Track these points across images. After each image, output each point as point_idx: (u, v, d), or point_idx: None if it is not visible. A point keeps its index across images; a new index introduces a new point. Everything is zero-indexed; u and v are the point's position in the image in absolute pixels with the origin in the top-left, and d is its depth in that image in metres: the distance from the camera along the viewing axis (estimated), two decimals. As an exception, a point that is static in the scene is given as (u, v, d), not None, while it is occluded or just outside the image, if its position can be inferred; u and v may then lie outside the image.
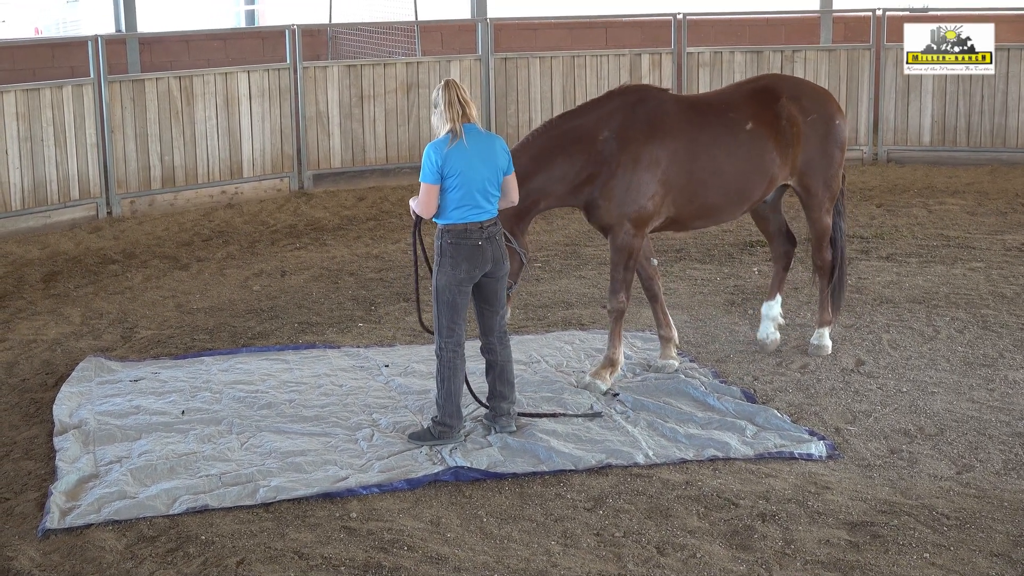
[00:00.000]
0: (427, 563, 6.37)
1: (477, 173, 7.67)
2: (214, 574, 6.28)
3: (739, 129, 9.04)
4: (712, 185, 8.95)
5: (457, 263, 7.70)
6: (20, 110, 13.63)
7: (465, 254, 7.69)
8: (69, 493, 7.25)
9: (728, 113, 9.12)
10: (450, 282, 7.73)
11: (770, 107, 9.16)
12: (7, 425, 8.46)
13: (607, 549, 6.53)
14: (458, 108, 7.67)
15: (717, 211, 9.15)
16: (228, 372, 9.33)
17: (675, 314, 10.52)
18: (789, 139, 9.14)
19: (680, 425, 8.15)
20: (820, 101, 9.41)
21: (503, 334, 8.08)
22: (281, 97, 15.57)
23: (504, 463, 7.58)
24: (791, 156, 9.18)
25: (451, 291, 7.74)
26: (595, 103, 8.96)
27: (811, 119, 9.25)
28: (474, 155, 7.67)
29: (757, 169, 9.06)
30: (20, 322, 10.79)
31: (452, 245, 7.70)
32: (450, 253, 7.71)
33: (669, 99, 9.12)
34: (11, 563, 6.46)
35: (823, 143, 9.30)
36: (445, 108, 7.66)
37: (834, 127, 9.36)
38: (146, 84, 14.72)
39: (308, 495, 7.14)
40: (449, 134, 7.66)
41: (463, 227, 7.69)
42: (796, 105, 9.22)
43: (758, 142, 9.04)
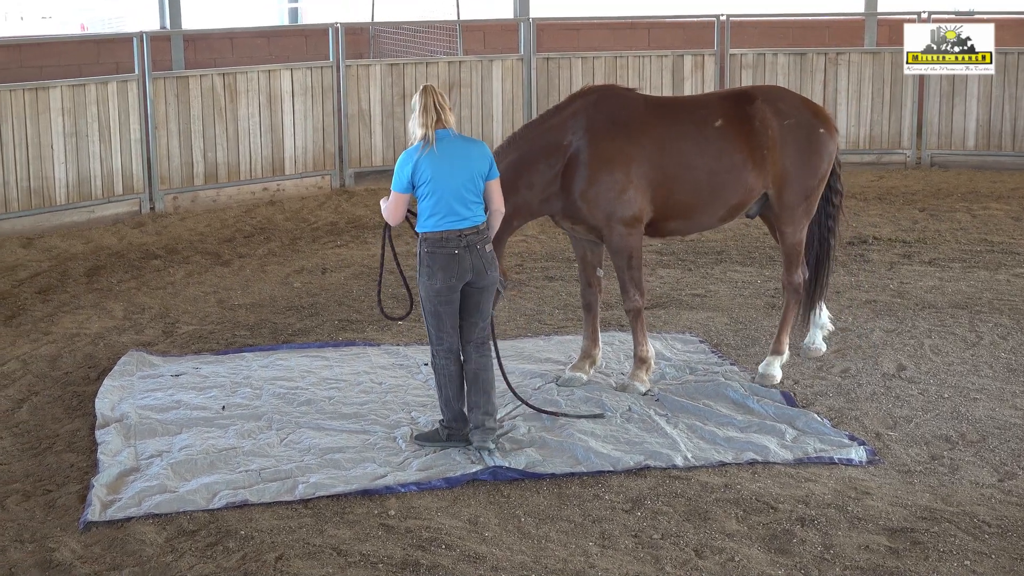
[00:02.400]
0: (465, 562, 6.38)
1: (450, 180, 7.47)
2: (253, 569, 6.31)
3: (707, 125, 8.76)
4: (684, 181, 8.69)
5: (433, 272, 7.52)
6: (66, 106, 13.74)
7: (441, 263, 7.50)
8: (110, 486, 7.30)
9: (697, 111, 8.89)
10: (428, 292, 7.58)
11: (742, 107, 8.86)
12: (50, 418, 8.54)
13: (645, 551, 6.51)
14: (433, 114, 7.46)
15: (692, 211, 8.82)
16: (268, 368, 9.38)
17: (715, 316, 10.51)
18: (763, 141, 8.78)
19: (719, 428, 8.12)
20: (800, 107, 9.03)
21: (480, 343, 7.80)
22: (323, 95, 15.63)
23: (542, 463, 7.57)
24: (767, 160, 8.80)
25: (431, 301, 7.59)
26: (556, 109, 8.78)
27: (788, 123, 8.86)
28: (447, 161, 7.46)
29: (728, 168, 8.73)
30: (64, 316, 10.87)
31: (429, 254, 7.53)
32: (427, 262, 7.54)
33: (634, 97, 8.88)
34: (53, 554, 6.51)
35: (803, 151, 8.88)
36: (420, 114, 7.47)
37: (815, 135, 8.92)
38: (190, 81, 14.81)
39: (347, 492, 7.16)
40: (421, 141, 7.49)
41: (439, 235, 7.50)
42: (771, 108, 8.88)
43: (728, 140, 8.74)
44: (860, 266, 12.26)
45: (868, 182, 16.35)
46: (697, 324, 10.37)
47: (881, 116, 17.12)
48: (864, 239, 13.32)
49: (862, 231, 13.71)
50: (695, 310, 10.80)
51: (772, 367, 9.02)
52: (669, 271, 12.16)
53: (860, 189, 15.93)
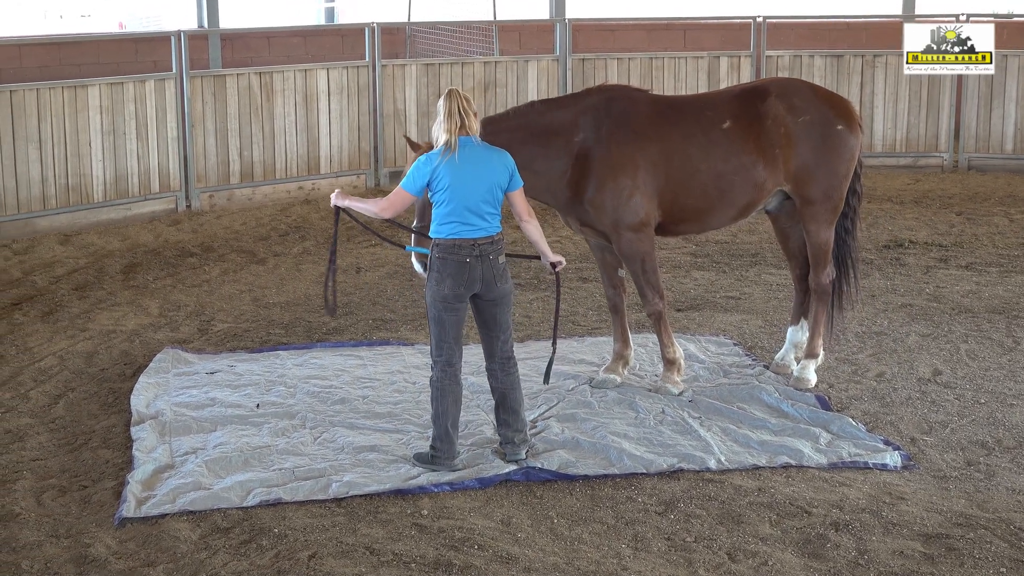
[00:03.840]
0: (497, 562, 6.38)
1: (468, 189, 7.32)
2: (286, 567, 6.33)
3: (714, 128, 8.62)
4: (690, 186, 8.56)
5: (442, 278, 7.37)
6: (104, 104, 13.83)
7: (451, 270, 7.35)
8: (145, 482, 7.33)
9: (704, 112, 8.70)
10: (435, 297, 7.40)
11: (754, 106, 8.69)
12: (86, 414, 8.59)
13: (678, 554, 6.50)
14: (457, 120, 7.31)
15: (701, 214, 8.71)
16: (303, 367, 9.41)
17: (749, 319, 10.48)
18: (775, 139, 8.63)
19: (753, 431, 8.09)
20: (816, 103, 8.81)
21: (505, 360, 7.64)
22: (359, 94, 15.68)
23: (575, 464, 7.56)
24: (780, 158, 8.64)
25: (436, 307, 7.42)
26: (571, 99, 8.72)
27: (803, 120, 8.70)
28: (467, 170, 7.31)
29: (737, 170, 8.59)
30: (100, 312, 10.94)
31: (439, 260, 7.38)
32: (436, 267, 7.39)
33: (644, 99, 8.77)
34: (88, 550, 6.55)
35: (819, 147, 8.71)
36: (444, 119, 7.32)
37: (833, 132, 8.74)
38: (227, 80, 14.87)
39: (380, 491, 7.18)
40: (444, 146, 7.33)
41: (452, 243, 7.35)
42: (785, 104, 8.71)
43: (736, 142, 8.59)
44: (896, 270, 12.19)
45: (904, 185, 16.27)
46: (731, 326, 10.34)
47: (918, 119, 17.03)
48: (900, 243, 13.25)
49: (898, 235, 13.63)
50: (729, 312, 10.77)
51: (807, 371, 8.96)
52: (703, 273, 12.12)
53: (896, 192, 15.86)
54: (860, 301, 9.45)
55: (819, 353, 9.07)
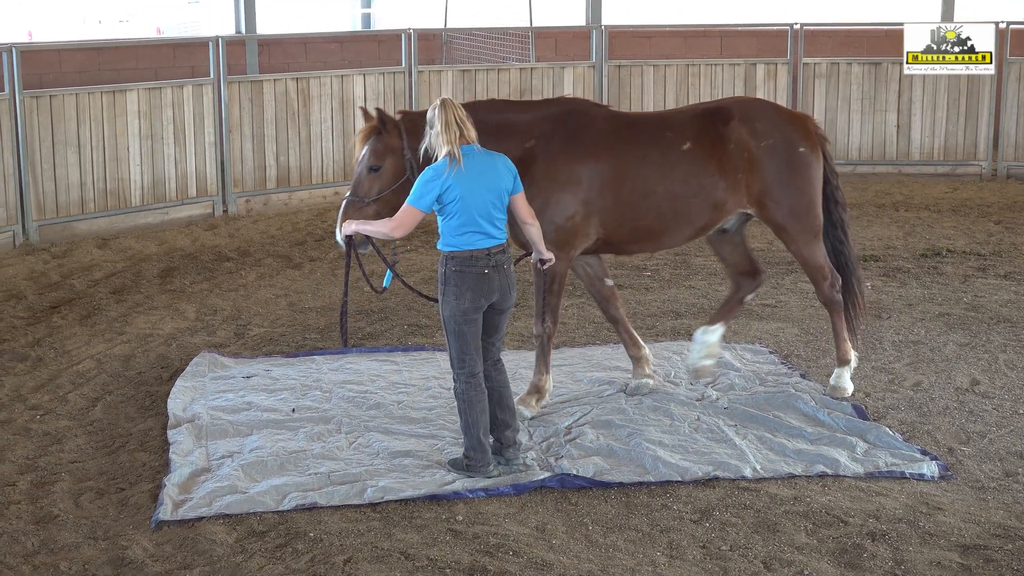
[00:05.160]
0: (532, 569, 6.38)
1: (478, 197, 7.25)
2: (321, 571, 6.35)
3: (674, 149, 8.38)
4: (644, 208, 8.33)
5: (462, 293, 7.28)
6: (142, 108, 13.93)
7: (470, 283, 7.28)
8: (182, 486, 7.37)
9: (665, 132, 8.45)
10: (454, 313, 7.32)
11: (716, 128, 8.46)
12: (123, 417, 8.65)
13: (713, 562, 6.48)
14: (455, 130, 7.22)
15: (654, 235, 8.52)
16: (338, 372, 9.44)
17: (785, 327, 10.44)
18: (737, 163, 8.42)
19: (789, 440, 8.06)
20: (780, 126, 8.59)
21: (496, 360, 7.63)
22: (396, 100, 15.71)
23: (610, 471, 7.55)
24: (743, 182, 8.45)
25: (456, 321, 7.34)
26: (532, 105, 8.60)
27: (765, 144, 8.49)
28: (474, 178, 7.23)
29: (696, 192, 8.37)
30: (137, 316, 11.01)
31: (457, 273, 7.29)
32: (454, 282, 7.30)
33: (603, 115, 8.53)
34: (125, 552, 6.59)
35: (783, 171, 8.52)
36: (442, 130, 7.23)
37: (796, 155, 8.55)
38: (264, 85, 14.95)
39: (415, 496, 7.19)
40: (447, 158, 7.24)
41: (468, 254, 7.28)
42: (748, 128, 8.48)
43: (697, 164, 8.37)
44: (933, 279, 12.12)
45: (942, 194, 16.18)
46: (767, 335, 10.30)
47: (956, 127, 16.93)
48: (938, 251, 13.17)
49: (936, 243, 13.56)
50: (765, 320, 10.73)
51: (842, 379, 8.90)
52: (739, 281, 12.07)
53: (934, 201, 15.77)
54: (867, 308, 9.24)
55: (850, 359, 8.95)
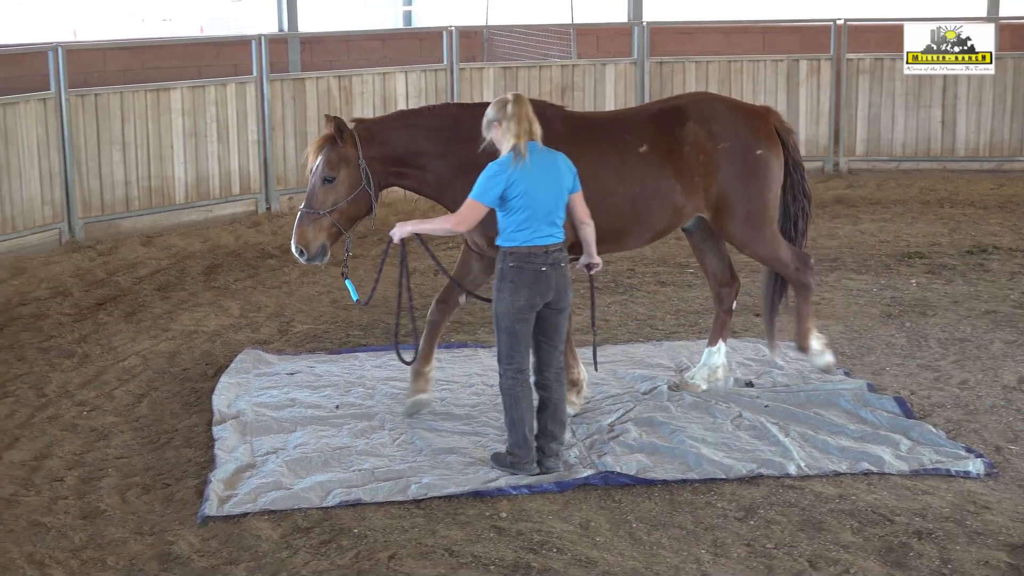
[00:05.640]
0: (576, 566, 6.37)
1: (542, 194, 7.21)
2: (366, 567, 6.36)
3: (630, 151, 8.19)
4: (603, 208, 7.98)
5: (518, 289, 7.24)
6: (186, 107, 14.01)
7: (527, 280, 7.23)
8: (227, 482, 7.41)
9: (623, 135, 8.25)
10: (509, 309, 7.27)
11: (672, 130, 8.28)
12: (169, 413, 8.71)
13: (758, 560, 6.45)
14: (526, 124, 7.20)
15: (616, 237, 8.28)
16: (382, 368, 9.46)
17: (830, 324, 10.37)
18: (694, 167, 8.26)
19: (832, 437, 8.01)
20: (736, 127, 8.40)
21: (560, 370, 7.56)
22: (437, 97, 15.71)
23: (653, 469, 7.54)
24: (700, 185, 8.29)
25: (510, 318, 7.28)
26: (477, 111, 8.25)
27: (723, 147, 8.32)
28: (538, 175, 7.20)
29: (654, 195, 8.19)
30: (182, 313, 11.08)
31: (514, 269, 7.24)
32: (511, 277, 7.25)
33: (559, 117, 8.30)
34: (172, 547, 6.64)
35: (740, 175, 8.36)
36: (512, 123, 7.18)
37: (752, 157, 8.38)
38: (306, 83, 15.00)
39: (459, 493, 7.20)
40: (512, 152, 7.19)
41: (527, 250, 7.24)
42: (705, 131, 8.31)
43: (653, 167, 8.19)
44: (979, 275, 12.02)
45: (988, 190, 16.04)
46: (811, 332, 10.23)
47: (1002, 123, 16.78)
48: (984, 248, 13.06)
49: (982, 240, 13.45)
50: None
51: (823, 356, 8.76)
52: (782, 278, 12.02)
53: (980, 197, 15.65)
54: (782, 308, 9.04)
55: (812, 343, 8.74)
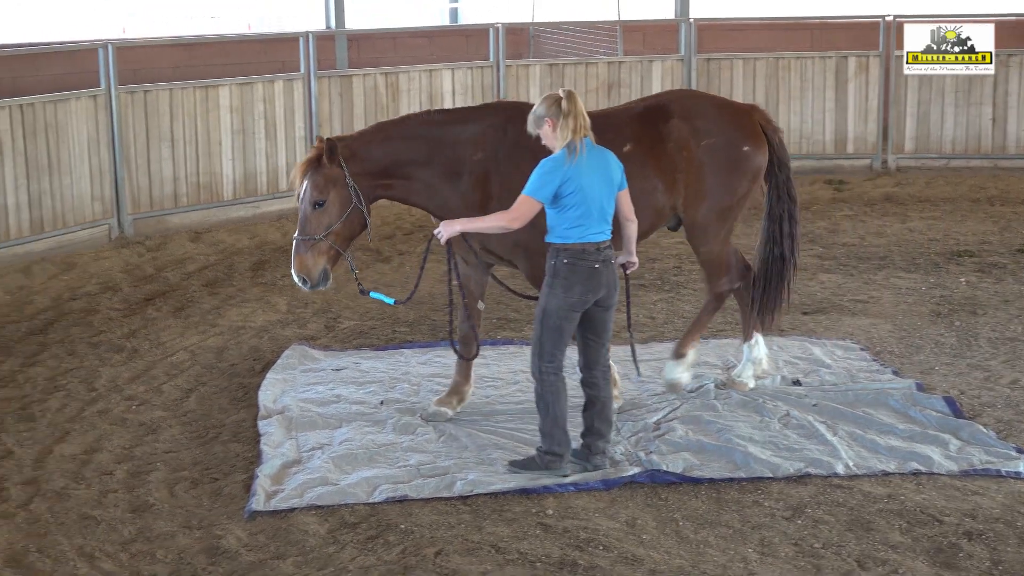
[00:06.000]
0: (622, 564, 6.36)
1: (595, 191, 7.18)
2: (413, 563, 6.38)
3: (615, 151, 7.96)
4: None
5: (571, 286, 7.19)
6: (234, 104, 14.09)
7: (581, 277, 7.19)
8: (274, 477, 7.45)
9: (606, 134, 7.93)
10: (560, 306, 7.22)
11: (655, 127, 8.22)
12: (217, 408, 8.76)
13: (806, 560, 6.41)
14: (581, 120, 7.17)
15: None
16: (427, 365, 9.48)
17: (878, 323, 10.30)
18: (676, 164, 8.21)
19: (880, 436, 7.95)
20: (722, 122, 8.35)
21: (607, 368, 7.53)
22: (484, 95, 15.73)
23: (700, 467, 7.51)
24: (680, 183, 8.24)
25: (559, 316, 7.23)
26: (471, 114, 8.33)
27: (707, 144, 8.26)
28: (592, 172, 7.19)
29: (638, 196, 7.87)
30: (230, 309, 11.15)
31: (568, 266, 7.19)
32: (564, 274, 7.20)
33: None
34: (219, 541, 6.68)
35: (720, 172, 8.30)
36: (569, 120, 7.14)
37: (738, 154, 8.31)
38: (353, 80, 15.05)
39: (505, 490, 7.20)
40: (566, 149, 7.16)
41: (580, 247, 7.20)
42: (689, 127, 8.26)
43: (636, 166, 8.01)
44: (1030, 274, 11.92)
45: (1039, 188, 15.90)
46: (859, 331, 10.17)
47: (1054, 119, 16.62)
48: (1034, 246, 12.95)
49: (1032, 238, 13.34)
50: (857, 316, 10.60)
51: (675, 371, 8.60)
52: (830, 276, 11.96)
53: (1030, 195, 15.52)
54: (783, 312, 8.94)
55: (687, 353, 8.63)
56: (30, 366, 9.63)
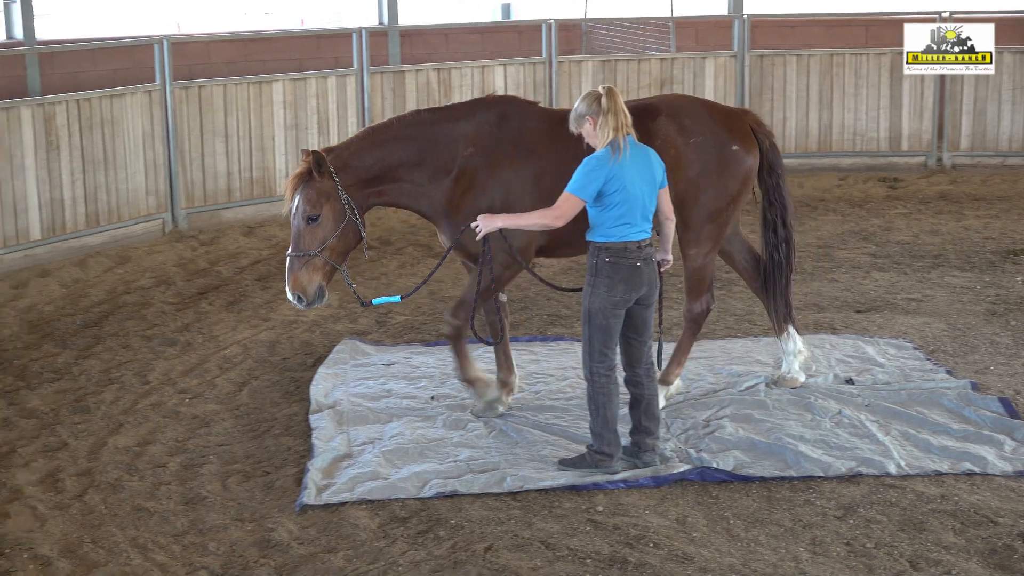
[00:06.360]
0: (672, 561, 6.35)
1: (638, 189, 7.14)
2: (463, 558, 6.39)
3: None
4: None
5: (614, 284, 7.18)
6: (287, 99, 14.16)
7: (623, 275, 7.17)
8: (325, 471, 7.49)
9: None
10: (604, 305, 7.20)
11: (643, 125, 7.94)
12: (269, 402, 8.82)
13: (857, 560, 6.37)
14: (623, 118, 7.11)
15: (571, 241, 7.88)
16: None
17: (931, 322, 10.21)
18: (665, 162, 7.75)
19: (934, 436, 7.89)
20: (710, 123, 8.21)
21: (650, 365, 7.53)
22: (535, 91, 15.72)
23: (751, 465, 7.48)
24: (669, 181, 7.77)
25: (605, 314, 7.21)
26: (461, 110, 8.19)
27: (694, 142, 8.14)
28: (635, 169, 7.14)
29: None
30: (282, 303, 11.19)
31: (610, 264, 7.17)
32: (607, 273, 7.18)
33: (535, 114, 8.21)
34: (271, 534, 6.73)
35: (709, 171, 8.17)
36: (610, 117, 7.08)
37: (727, 153, 8.17)
38: (406, 76, 15.08)
39: (555, 486, 7.20)
40: (609, 147, 7.11)
41: (623, 246, 7.17)
42: (676, 125, 8.15)
43: None
44: (1087, 274, 11.77)
45: (1095, 186, 15.71)
46: (912, 329, 10.08)
47: (1114, 116, 16.40)
48: (1090, 246, 12.79)
49: (1089, 237, 13.17)
50: (910, 315, 10.51)
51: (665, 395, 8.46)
52: (884, 274, 11.86)
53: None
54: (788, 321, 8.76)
55: (673, 381, 8.56)
56: (85, 359, 9.74)
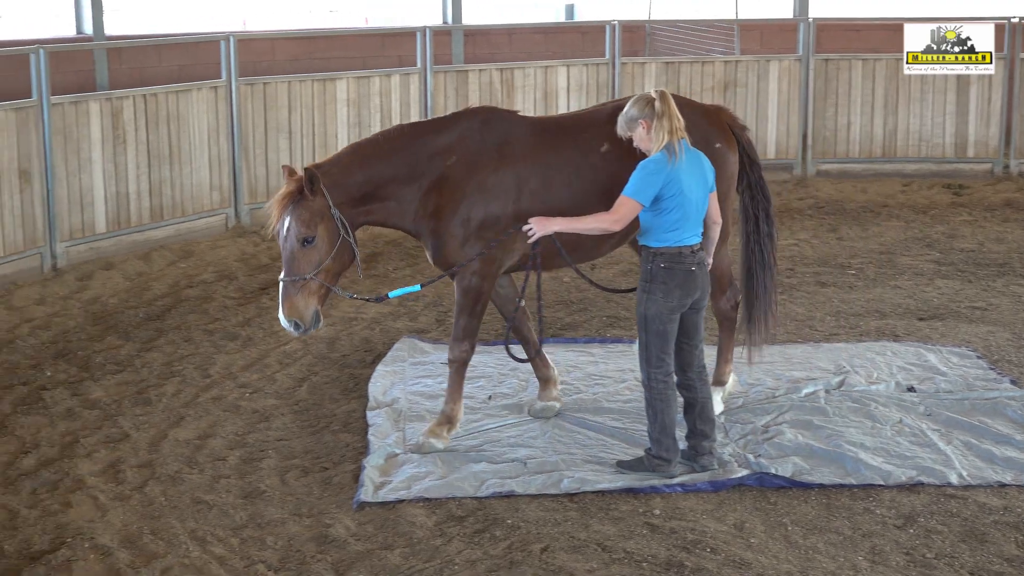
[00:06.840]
0: (730, 567, 6.31)
1: (693, 193, 7.12)
2: (519, 558, 6.39)
3: (593, 152, 7.84)
4: (570, 214, 7.56)
5: (670, 290, 7.16)
6: (351, 96, 14.23)
7: (679, 280, 7.16)
8: (381, 468, 7.52)
9: (582, 134, 7.89)
10: (661, 311, 7.18)
11: None
12: (328, 398, 8.86)
13: (917, 570, 6.31)
14: (677, 122, 7.09)
15: (579, 245, 7.87)
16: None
17: (996, 331, 10.09)
18: None
19: (997, 446, 7.79)
20: (694, 121, 7.88)
21: (702, 369, 7.50)
22: (599, 92, 15.70)
23: (809, 472, 7.43)
24: None
25: (661, 320, 7.19)
26: (443, 123, 7.99)
27: None
28: (690, 174, 7.12)
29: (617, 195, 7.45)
30: (342, 300, 11.22)
31: (666, 270, 7.16)
32: (663, 279, 7.17)
33: (519, 122, 8.05)
34: (329, 530, 6.76)
35: None
36: (665, 121, 7.07)
37: (713, 152, 7.91)
38: (469, 75, 15.11)
39: (612, 489, 7.19)
40: (665, 151, 7.08)
41: (677, 251, 7.16)
42: None
43: (614, 165, 7.73)
44: None
45: None
46: (976, 338, 9.97)
47: None
48: None
49: None
50: (974, 323, 10.39)
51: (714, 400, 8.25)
52: (947, 282, 11.74)
53: None
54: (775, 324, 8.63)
55: (727, 381, 8.52)
56: (147, 351, 9.84)
